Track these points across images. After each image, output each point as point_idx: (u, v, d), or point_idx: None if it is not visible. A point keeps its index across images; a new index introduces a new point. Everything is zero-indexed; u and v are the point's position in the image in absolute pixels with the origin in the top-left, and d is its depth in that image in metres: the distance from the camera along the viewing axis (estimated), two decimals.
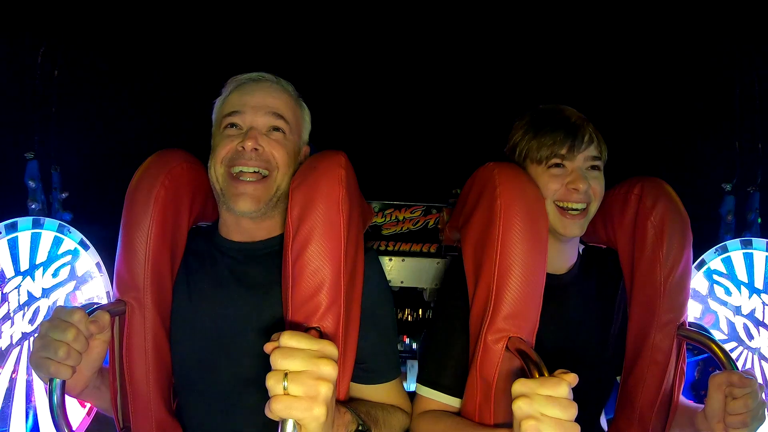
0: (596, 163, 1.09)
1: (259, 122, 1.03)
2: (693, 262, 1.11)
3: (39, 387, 1.31)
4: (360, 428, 0.87)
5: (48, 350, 0.82)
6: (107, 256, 1.44)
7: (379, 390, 1.05)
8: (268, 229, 1.08)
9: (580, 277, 1.16)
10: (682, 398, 1.10)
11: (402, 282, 1.54)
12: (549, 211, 1.06)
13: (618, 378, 1.17)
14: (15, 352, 1.28)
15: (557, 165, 1.07)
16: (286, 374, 0.66)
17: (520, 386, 0.73)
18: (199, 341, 1.02)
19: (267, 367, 0.68)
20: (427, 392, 1.07)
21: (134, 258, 0.95)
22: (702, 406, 0.99)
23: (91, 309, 0.88)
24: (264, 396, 0.67)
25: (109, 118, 1.78)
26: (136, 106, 1.82)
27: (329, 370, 0.67)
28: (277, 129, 1.04)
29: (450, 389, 1.05)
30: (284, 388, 0.65)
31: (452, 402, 1.05)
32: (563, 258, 1.15)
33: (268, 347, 0.69)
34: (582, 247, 1.22)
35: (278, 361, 0.67)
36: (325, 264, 0.88)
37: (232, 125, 1.03)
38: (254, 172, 1.00)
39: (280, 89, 1.08)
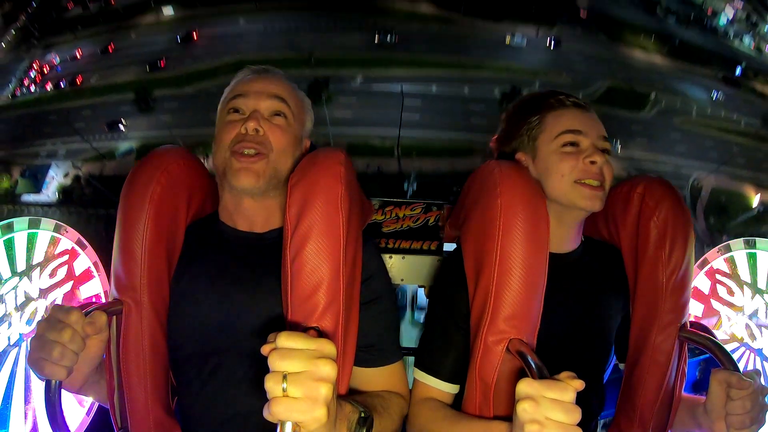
0: (606, 146, 1.07)
1: (262, 106, 1.04)
2: (695, 261, 1.10)
3: (37, 388, 1.30)
4: (362, 415, 0.86)
5: (44, 350, 0.81)
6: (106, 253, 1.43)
7: (381, 373, 1.04)
8: (269, 215, 1.07)
9: (582, 260, 1.15)
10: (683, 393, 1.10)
11: (402, 279, 1.53)
12: (566, 189, 1.04)
13: (621, 366, 1.16)
14: (13, 353, 1.28)
15: (571, 143, 1.05)
16: (285, 376, 0.65)
17: (525, 387, 0.72)
18: (197, 338, 1.01)
19: (265, 364, 0.67)
20: (425, 378, 1.06)
21: (130, 257, 0.95)
22: (703, 397, 0.99)
23: (87, 309, 0.87)
24: (263, 394, 0.66)
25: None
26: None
27: (328, 369, 0.66)
28: (279, 114, 1.05)
29: (449, 376, 1.05)
30: (283, 390, 0.64)
31: (451, 389, 1.05)
32: (567, 239, 1.12)
33: (265, 349, 0.68)
34: (583, 237, 1.20)
35: (276, 363, 0.65)
36: (323, 262, 0.87)
37: (236, 110, 1.05)
38: (255, 154, 1.01)
39: (284, 80, 1.10)
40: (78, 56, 29.65)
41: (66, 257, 1.37)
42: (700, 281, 1.46)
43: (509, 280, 0.92)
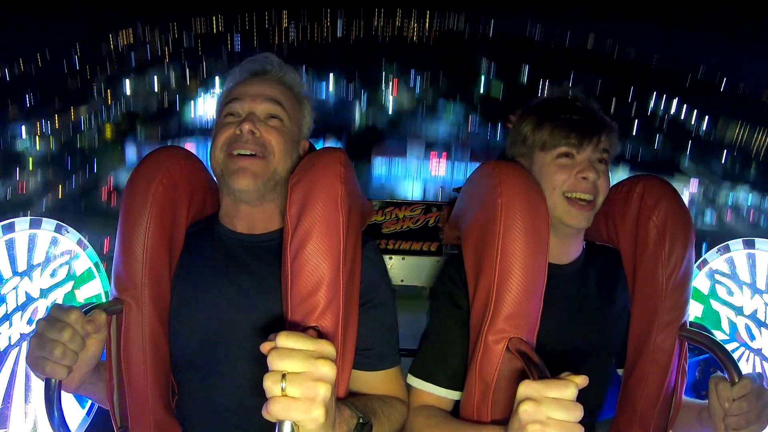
0: (604, 156, 1.08)
1: (257, 108, 1.05)
2: (695, 262, 1.10)
3: (38, 388, 1.30)
4: (361, 421, 0.86)
5: (44, 349, 0.82)
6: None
7: (379, 377, 1.04)
8: (267, 217, 1.08)
9: (583, 271, 1.15)
10: (686, 397, 1.09)
11: (402, 280, 1.54)
12: (556, 202, 1.05)
13: (620, 371, 1.16)
14: (13, 353, 1.28)
15: (566, 155, 1.06)
16: (283, 375, 0.65)
17: (526, 388, 0.72)
18: (197, 338, 1.01)
19: (264, 365, 0.67)
20: (421, 385, 1.06)
21: (132, 256, 0.95)
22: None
23: (87, 308, 0.87)
24: (262, 394, 0.66)
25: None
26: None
27: (327, 370, 0.66)
28: (274, 116, 1.06)
29: (445, 382, 1.04)
30: (282, 390, 0.64)
31: (447, 394, 1.05)
32: (567, 250, 1.13)
33: (265, 347, 0.68)
34: (584, 242, 1.21)
35: (276, 362, 0.65)
36: (323, 262, 0.87)
37: (231, 114, 1.05)
38: (251, 155, 1.01)
39: (280, 82, 1.10)
40: None
41: (67, 257, 1.38)
42: (699, 282, 1.46)
43: (510, 279, 0.92)
